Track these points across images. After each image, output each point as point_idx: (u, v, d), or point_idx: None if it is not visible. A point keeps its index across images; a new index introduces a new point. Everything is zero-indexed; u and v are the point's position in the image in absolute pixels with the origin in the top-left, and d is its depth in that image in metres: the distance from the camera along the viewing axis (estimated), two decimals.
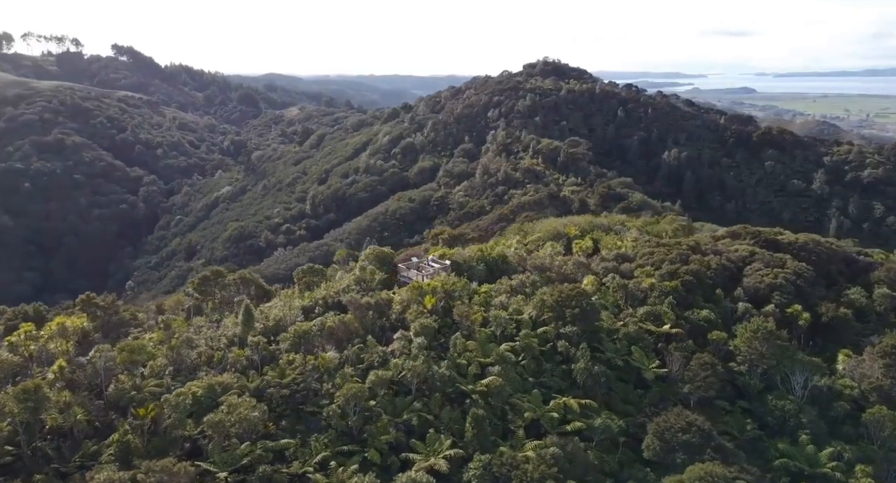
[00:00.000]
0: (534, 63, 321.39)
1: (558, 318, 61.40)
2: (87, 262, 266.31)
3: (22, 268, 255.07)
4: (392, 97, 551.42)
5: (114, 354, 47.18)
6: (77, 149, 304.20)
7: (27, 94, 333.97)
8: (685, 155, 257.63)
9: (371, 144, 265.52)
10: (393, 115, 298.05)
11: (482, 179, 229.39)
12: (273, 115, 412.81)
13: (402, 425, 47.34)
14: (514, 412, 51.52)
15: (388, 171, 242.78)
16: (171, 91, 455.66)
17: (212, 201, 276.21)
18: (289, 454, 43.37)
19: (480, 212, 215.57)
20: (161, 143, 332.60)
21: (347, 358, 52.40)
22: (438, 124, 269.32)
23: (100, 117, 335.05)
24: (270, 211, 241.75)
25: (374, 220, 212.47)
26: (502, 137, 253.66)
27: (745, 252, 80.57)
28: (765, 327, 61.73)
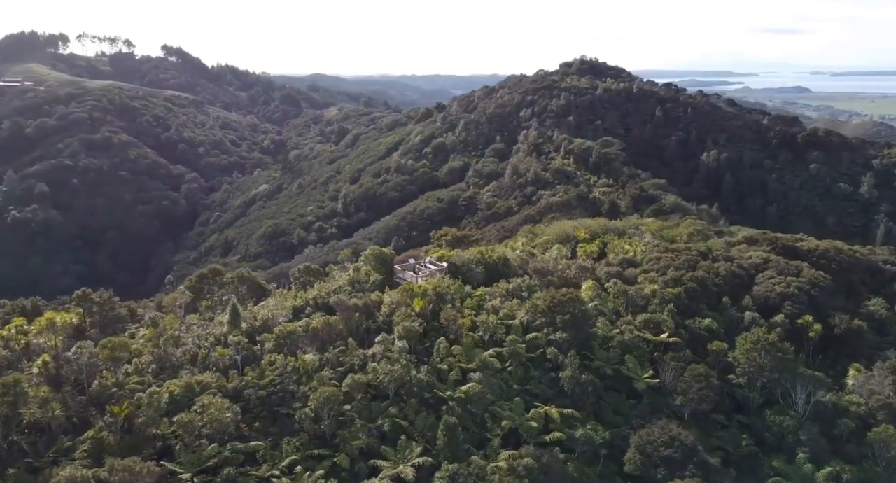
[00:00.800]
0: (570, 62, 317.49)
1: (549, 323, 60.31)
2: (129, 256, 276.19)
3: (68, 261, 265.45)
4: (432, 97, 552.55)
5: (96, 351, 48.50)
6: (123, 146, 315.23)
7: (78, 93, 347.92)
8: (725, 156, 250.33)
9: (403, 144, 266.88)
10: (426, 115, 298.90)
11: (511, 180, 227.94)
12: (313, 115, 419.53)
13: (376, 431, 47.13)
14: (494, 420, 50.81)
15: (418, 171, 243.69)
16: (217, 91, 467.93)
17: (249, 199, 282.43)
18: (259, 456, 43.69)
19: (508, 212, 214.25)
20: (203, 141, 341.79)
21: (328, 360, 52.58)
22: (470, 124, 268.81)
23: (146, 116, 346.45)
24: (304, 209, 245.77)
25: (402, 220, 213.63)
26: (534, 137, 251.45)
27: (759, 259, 77.53)
28: (766, 338, 59.21)
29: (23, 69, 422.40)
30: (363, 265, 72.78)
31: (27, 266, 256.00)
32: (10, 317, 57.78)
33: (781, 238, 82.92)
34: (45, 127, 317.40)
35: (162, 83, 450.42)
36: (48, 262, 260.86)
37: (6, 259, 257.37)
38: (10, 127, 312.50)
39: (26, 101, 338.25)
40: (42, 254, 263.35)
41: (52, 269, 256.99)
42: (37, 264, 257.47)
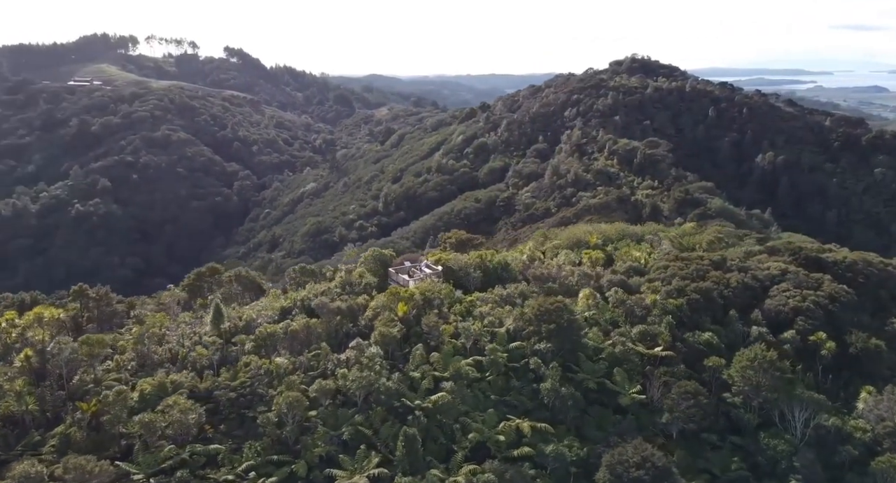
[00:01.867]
0: (620, 60, 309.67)
1: (536, 332, 58.84)
2: (183, 250, 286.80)
3: (126, 253, 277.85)
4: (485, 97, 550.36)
5: (76, 346, 50.24)
6: (181, 144, 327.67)
7: (142, 92, 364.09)
8: (782, 159, 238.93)
9: (445, 144, 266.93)
10: (469, 115, 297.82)
11: (551, 180, 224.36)
12: (364, 115, 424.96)
13: (337, 438, 46.89)
14: (464, 432, 49.79)
15: (458, 171, 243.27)
16: (274, 91, 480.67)
17: (297, 197, 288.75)
18: (220, 459, 44.13)
19: (546, 214, 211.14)
20: (257, 140, 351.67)
21: (301, 364, 52.76)
22: (513, 124, 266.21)
23: (204, 115, 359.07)
24: (347, 207, 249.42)
25: (439, 220, 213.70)
26: (577, 137, 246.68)
27: (776, 270, 73.38)
28: (764, 355, 55.90)
29: (94, 69, 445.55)
30: (360, 267, 72.84)
31: (88, 257, 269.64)
32: (8, 310, 60.84)
33: (806, 248, 78.18)
34: (110, 125, 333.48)
35: (223, 83, 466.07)
36: (107, 253, 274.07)
37: (69, 250, 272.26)
38: (78, 124, 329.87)
39: (94, 100, 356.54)
40: (102, 245, 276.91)
41: (110, 261, 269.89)
42: (97, 256, 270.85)
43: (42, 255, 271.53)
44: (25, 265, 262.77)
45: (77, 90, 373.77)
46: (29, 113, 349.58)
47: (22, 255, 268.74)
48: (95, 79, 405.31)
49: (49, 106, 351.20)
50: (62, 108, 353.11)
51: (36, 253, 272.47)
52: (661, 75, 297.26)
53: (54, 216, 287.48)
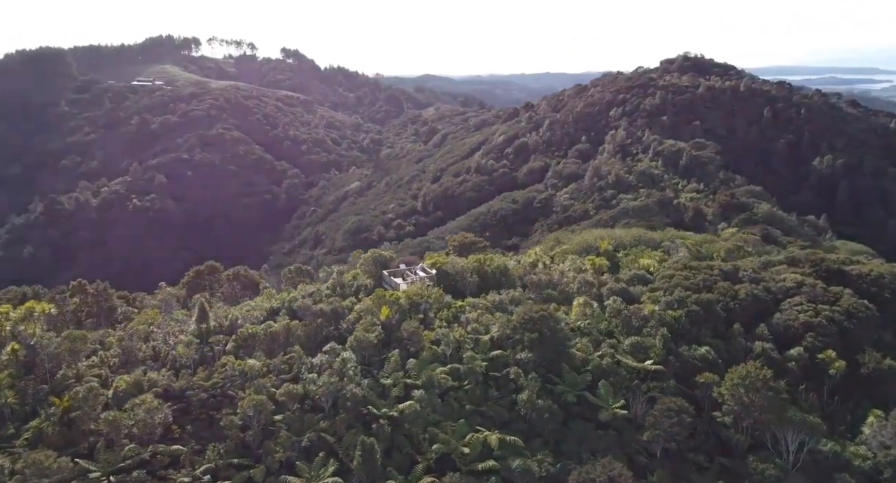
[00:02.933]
0: (672, 58, 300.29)
1: (519, 341, 57.44)
2: (232, 245, 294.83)
3: (178, 247, 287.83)
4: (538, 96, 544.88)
5: (58, 341, 52.04)
6: (234, 143, 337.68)
7: (199, 92, 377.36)
8: (841, 162, 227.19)
9: (486, 144, 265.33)
10: (513, 115, 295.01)
11: (591, 182, 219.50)
12: (412, 115, 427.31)
13: (299, 444, 46.60)
14: (431, 443, 48.84)
15: (497, 171, 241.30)
16: (327, 91, 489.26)
17: (342, 195, 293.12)
18: (182, 460, 44.65)
19: (584, 216, 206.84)
20: (306, 139, 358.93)
21: (274, 367, 53.00)
22: (555, 124, 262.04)
23: (257, 115, 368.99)
24: (387, 206, 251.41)
25: (475, 220, 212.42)
26: (621, 137, 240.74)
27: (792, 282, 69.28)
28: (756, 374, 52.74)
29: (158, 70, 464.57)
30: (358, 268, 72.86)
31: (143, 250, 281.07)
32: (12, 302, 63.72)
33: (828, 259, 73.50)
34: (169, 123, 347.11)
35: (278, 84, 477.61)
36: (161, 247, 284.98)
37: (126, 243, 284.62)
38: (139, 122, 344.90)
39: (154, 100, 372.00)
40: (156, 239, 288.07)
41: (163, 254, 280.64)
42: (151, 249, 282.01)
43: (101, 248, 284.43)
44: (85, 256, 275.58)
45: (139, 90, 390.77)
46: (94, 111, 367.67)
47: (82, 247, 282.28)
48: (157, 79, 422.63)
49: (113, 105, 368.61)
50: (125, 107, 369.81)
51: (95, 245, 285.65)
52: (714, 74, 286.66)
53: (113, 210, 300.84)
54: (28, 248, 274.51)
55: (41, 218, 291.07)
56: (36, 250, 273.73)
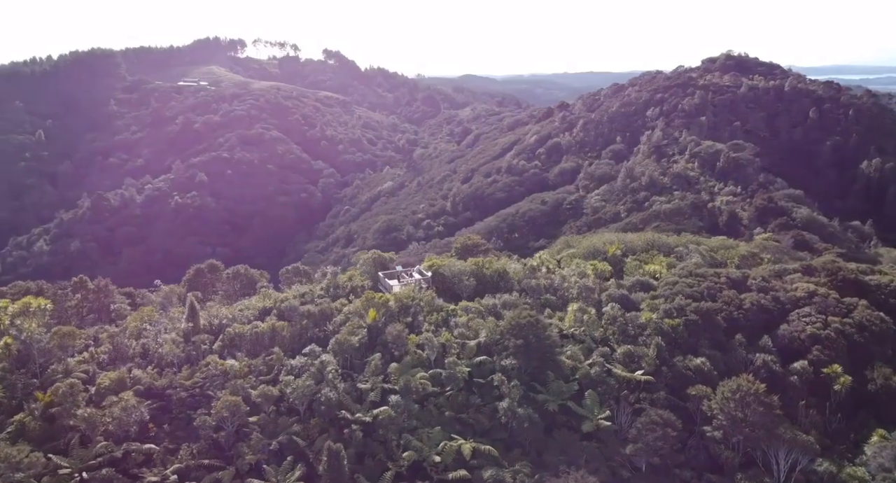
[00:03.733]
0: (714, 57, 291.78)
1: (505, 347, 56.38)
2: (268, 242, 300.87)
3: (217, 243, 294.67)
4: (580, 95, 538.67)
5: (48, 336, 53.38)
6: (273, 142, 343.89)
7: (241, 93, 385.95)
8: (891, 166, 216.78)
9: (518, 144, 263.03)
10: (547, 114, 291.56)
11: (624, 183, 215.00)
12: (448, 115, 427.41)
13: (266, 448, 46.43)
14: (406, 449, 48.23)
15: (528, 172, 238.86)
16: (366, 92, 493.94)
17: (374, 195, 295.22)
18: (155, 459, 45.09)
19: (614, 218, 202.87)
20: (343, 139, 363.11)
21: (254, 367, 53.16)
22: (590, 123, 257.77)
23: (296, 115, 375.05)
24: (417, 206, 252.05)
25: (503, 221, 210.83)
26: (657, 138, 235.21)
27: (803, 292, 66.07)
28: (748, 387, 50.38)
29: (206, 70, 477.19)
30: (359, 268, 72.81)
31: (183, 245, 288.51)
32: (16, 298, 65.78)
33: (845, 269, 69.83)
34: (211, 123, 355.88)
35: (319, 84, 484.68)
36: (201, 243, 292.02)
37: (167, 238, 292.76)
38: (183, 122, 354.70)
39: (199, 100, 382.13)
40: (196, 235, 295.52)
41: (203, 250, 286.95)
42: (191, 244, 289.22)
43: (143, 243, 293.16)
44: (128, 251, 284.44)
45: (185, 90, 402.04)
46: (142, 111, 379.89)
47: (126, 242, 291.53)
48: (203, 80, 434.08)
49: (159, 104, 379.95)
50: (170, 106, 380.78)
51: (138, 240, 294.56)
52: (758, 73, 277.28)
53: (156, 207, 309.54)
54: (75, 242, 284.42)
55: (88, 213, 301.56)
56: (82, 244, 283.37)
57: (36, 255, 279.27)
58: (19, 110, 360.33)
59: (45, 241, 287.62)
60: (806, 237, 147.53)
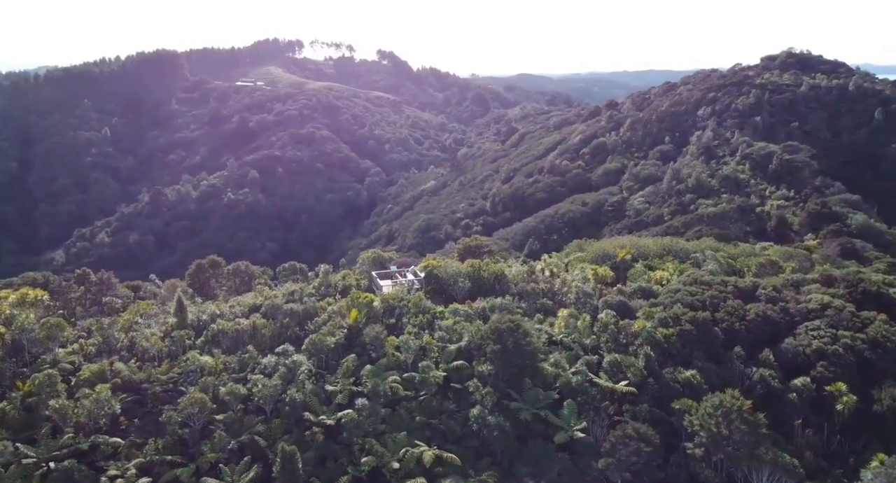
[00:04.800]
0: (774, 55, 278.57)
1: (483, 353, 55.00)
2: (315, 238, 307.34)
3: (266, 238, 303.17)
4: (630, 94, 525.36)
5: (37, 327, 55.29)
6: (323, 141, 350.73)
7: (295, 93, 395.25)
8: None
9: (562, 144, 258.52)
10: (594, 113, 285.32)
11: (669, 185, 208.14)
12: (497, 115, 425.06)
13: (227, 446, 46.42)
14: (367, 455, 47.42)
15: (571, 172, 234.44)
16: (417, 92, 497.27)
17: (417, 194, 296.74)
18: (120, 452, 45.67)
19: (657, 221, 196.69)
20: (390, 139, 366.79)
21: (228, 365, 53.57)
22: (637, 123, 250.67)
23: (346, 114, 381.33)
24: (456, 206, 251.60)
25: (541, 222, 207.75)
26: (708, 139, 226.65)
27: (816, 304, 61.80)
28: (732, 403, 47.30)
29: (264, 71, 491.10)
30: (359, 267, 72.71)
31: (234, 240, 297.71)
32: (22, 288, 68.76)
33: (867, 280, 64.90)
34: (265, 122, 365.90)
35: (372, 84, 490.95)
36: (251, 238, 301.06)
37: (220, 233, 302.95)
38: (238, 121, 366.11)
39: (254, 99, 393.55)
40: (247, 230, 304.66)
41: (253, 245, 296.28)
42: (242, 239, 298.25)
43: (197, 237, 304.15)
44: (182, 244, 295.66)
45: (242, 90, 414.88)
46: (201, 109, 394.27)
47: (181, 236, 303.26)
48: (261, 80, 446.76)
49: (217, 104, 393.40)
50: (228, 106, 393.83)
51: (192, 234, 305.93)
52: (820, 71, 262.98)
53: (210, 202, 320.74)
54: (133, 234, 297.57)
55: (147, 207, 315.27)
56: (140, 237, 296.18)
57: (97, 247, 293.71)
58: (88, 108, 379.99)
59: (106, 233, 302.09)
60: (856, 245, 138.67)
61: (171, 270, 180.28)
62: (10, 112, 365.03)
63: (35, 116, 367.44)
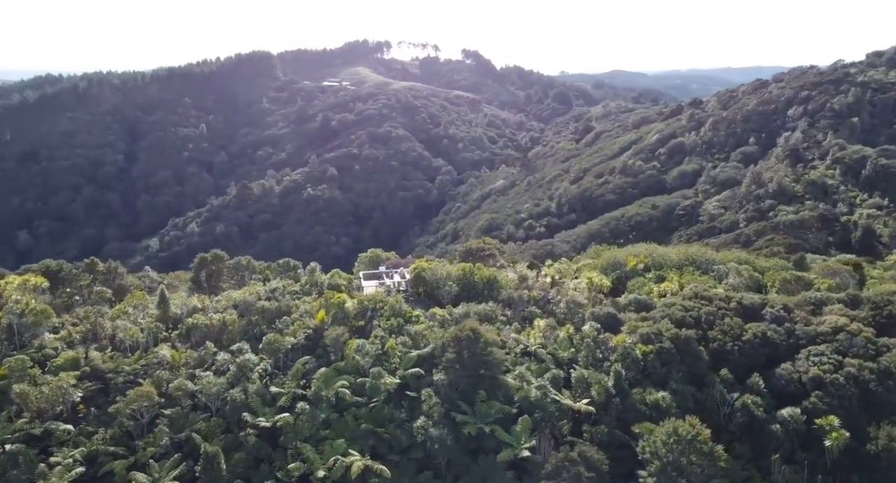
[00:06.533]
0: (881, 51, 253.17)
1: (442, 361, 53.00)
2: (386, 234, 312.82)
3: (341, 233, 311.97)
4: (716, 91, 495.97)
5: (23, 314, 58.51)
6: (398, 140, 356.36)
7: (376, 93, 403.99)
8: None
9: (638, 143, 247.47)
10: (675, 112, 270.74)
11: (748, 189, 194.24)
12: (577, 113, 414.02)
13: (172, 441, 47.10)
14: (298, 460, 46.68)
15: (644, 173, 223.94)
16: (499, 90, 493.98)
17: (485, 193, 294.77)
18: (70, 439, 46.57)
19: (732, 227, 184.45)
20: (463, 138, 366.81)
21: (187, 359, 54.36)
22: (720, 123, 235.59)
23: (423, 114, 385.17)
24: (521, 206, 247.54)
25: (605, 225, 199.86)
26: (796, 140, 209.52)
27: (827, 327, 54.98)
28: (689, 431, 42.76)
29: (352, 71, 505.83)
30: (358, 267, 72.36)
31: (311, 234, 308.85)
32: (36, 275, 73.12)
33: (895, 303, 56.96)
34: (346, 121, 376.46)
35: (454, 84, 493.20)
36: (326, 232, 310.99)
37: (298, 227, 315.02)
38: (321, 120, 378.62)
39: (338, 99, 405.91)
40: (323, 225, 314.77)
41: (327, 239, 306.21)
42: (318, 233, 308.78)
43: (277, 229, 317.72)
44: (264, 236, 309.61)
45: (327, 90, 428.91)
46: (288, 108, 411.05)
47: (263, 228, 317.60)
48: (348, 80, 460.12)
49: (304, 103, 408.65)
50: (313, 105, 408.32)
51: (273, 227, 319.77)
52: None
53: (291, 197, 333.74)
54: (220, 225, 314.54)
55: (234, 200, 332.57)
56: (226, 228, 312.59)
57: (188, 236, 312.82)
58: (188, 106, 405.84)
59: (196, 223, 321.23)
60: None
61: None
62: (120, 109, 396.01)
63: (141, 113, 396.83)
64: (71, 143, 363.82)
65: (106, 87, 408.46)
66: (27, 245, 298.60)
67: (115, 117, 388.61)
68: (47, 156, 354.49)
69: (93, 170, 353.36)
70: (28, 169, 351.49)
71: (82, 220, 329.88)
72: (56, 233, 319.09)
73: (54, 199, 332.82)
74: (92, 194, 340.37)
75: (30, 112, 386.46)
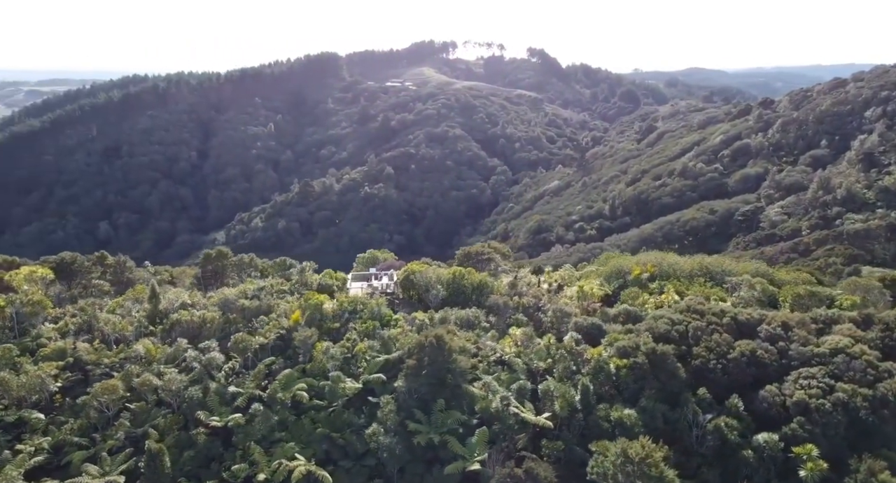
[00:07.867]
0: None
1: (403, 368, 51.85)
2: (438, 233, 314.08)
3: (394, 231, 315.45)
4: None
5: (22, 305, 61.42)
6: (455, 140, 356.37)
7: (436, 92, 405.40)
8: None
9: (700, 144, 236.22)
10: (743, 112, 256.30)
11: (814, 195, 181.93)
12: (644, 112, 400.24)
13: (131, 435, 47.89)
14: (245, 462, 46.75)
15: (705, 176, 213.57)
16: (563, 89, 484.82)
17: (539, 193, 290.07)
18: (40, 428, 48.15)
19: (793, 235, 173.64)
20: (521, 137, 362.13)
21: (161, 355, 55.34)
22: (789, 124, 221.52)
23: (481, 113, 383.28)
24: (573, 208, 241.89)
25: (659, 230, 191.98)
26: (872, 144, 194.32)
27: (826, 348, 50.07)
28: (638, 452, 39.76)
29: (417, 71, 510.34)
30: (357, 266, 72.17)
31: (366, 231, 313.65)
32: (45, 268, 76.28)
33: None
34: (405, 120, 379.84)
35: (518, 83, 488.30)
36: (380, 230, 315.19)
37: (354, 223, 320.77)
38: (382, 120, 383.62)
39: (399, 99, 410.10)
40: (378, 222, 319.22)
41: (381, 237, 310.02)
42: (372, 231, 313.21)
43: (335, 226, 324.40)
44: (323, 232, 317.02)
45: (390, 90, 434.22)
46: (352, 108, 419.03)
47: (322, 224, 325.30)
48: (411, 80, 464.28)
49: (366, 103, 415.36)
50: (375, 105, 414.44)
51: (331, 223, 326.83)
52: None
53: (349, 195, 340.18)
54: (282, 221, 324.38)
55: (295, 197, 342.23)
56: (287, 224, 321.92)
57: (252, 230, 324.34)
58: (258, 105, 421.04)
59: (260, 218, 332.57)
60: None
61: (310, 255, 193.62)
62: (196, 108, 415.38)
63: (214, 112, 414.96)
64: (150, 140, 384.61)
65: (183, 87, 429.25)
66: (107, 235, 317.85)
67: (190, 116, 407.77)
68: (128, 151, 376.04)
69: (169, 165, 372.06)
70: (111, 164, 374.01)
71: (157, 213, 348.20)
72: (133, 224, 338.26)
73: (133, 193, 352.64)
74: (167, 189, 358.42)
75: (114, 110, 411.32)
